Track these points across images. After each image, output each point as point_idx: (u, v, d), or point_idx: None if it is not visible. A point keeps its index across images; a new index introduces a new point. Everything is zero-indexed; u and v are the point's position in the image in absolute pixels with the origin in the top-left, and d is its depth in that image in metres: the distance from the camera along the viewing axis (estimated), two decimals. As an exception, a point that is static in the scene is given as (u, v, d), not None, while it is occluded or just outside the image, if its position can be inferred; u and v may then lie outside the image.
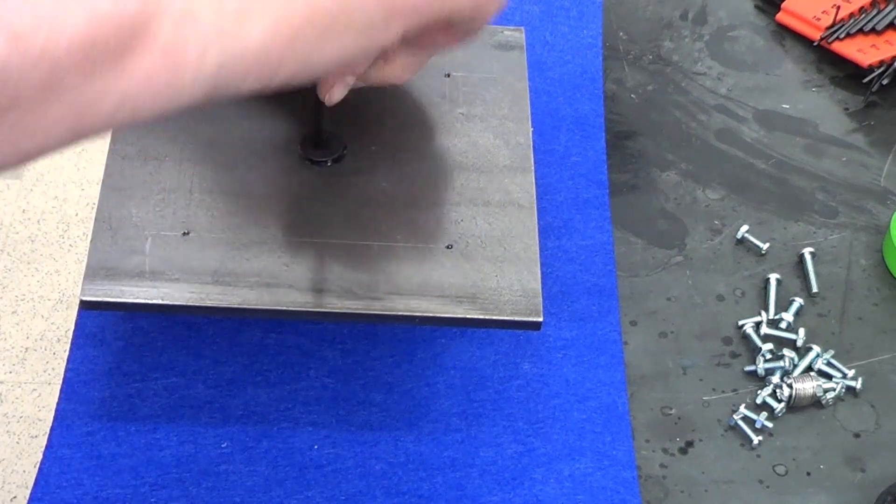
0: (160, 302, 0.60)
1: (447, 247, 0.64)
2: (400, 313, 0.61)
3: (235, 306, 0.61)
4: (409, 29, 0.47)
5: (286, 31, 0.43)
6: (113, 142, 0.68)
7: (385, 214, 0.65)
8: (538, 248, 0.64)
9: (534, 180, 0.68)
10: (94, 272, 0.61)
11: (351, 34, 0.45)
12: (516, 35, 0.76)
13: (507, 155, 0.69)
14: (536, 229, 0.65)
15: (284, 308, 0.61)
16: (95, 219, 0.64)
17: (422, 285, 0.62)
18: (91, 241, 0.63)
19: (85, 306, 0.61)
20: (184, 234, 0.63)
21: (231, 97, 0.44)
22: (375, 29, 0.46)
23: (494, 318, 0.61)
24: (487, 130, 0.70)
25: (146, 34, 0.40)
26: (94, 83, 0.39)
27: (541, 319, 0.62)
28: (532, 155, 0.69)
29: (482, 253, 0.64)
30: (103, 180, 0.65)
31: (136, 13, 0.39)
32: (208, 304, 0.61)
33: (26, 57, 0.37)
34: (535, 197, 0.67)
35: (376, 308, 0.61)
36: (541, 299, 0.62)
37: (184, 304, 0.61)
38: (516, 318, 0.62)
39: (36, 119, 0.39)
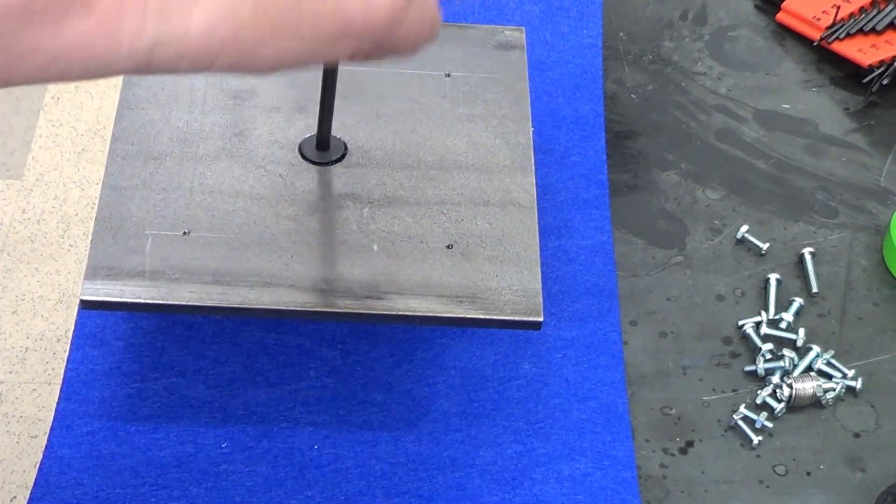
0: (160, 302, 0.60)
1: (448, 246, 0.64)
2: (400, 313, 0.61)
3: (236, 306, 0.61)
4: (359, 51, 0.46)
5: (230, 25, 0.42)
6: (113, 141, 0.68)
7: (386, 214, 0.65)
8: (539, 248, 0.64)
9: (534, 180, 0.68)
10: (94, 272, 0.61)
11: (296, 42, 0.44)
12: (517, 35, 0.76)
13: (507, 155, 0.69)
14: (537, 229, 0.65)
15: (285, 308, 0.61)
16: (96, 218, 0.64)
17: (422, 285, 0.62)
18: (91, 240, 0.63)
19: (85, 306, 0.61)
20: (184, 233, 0.63)
21: (162, 74, 0.44)
22: (323, 43, 0.45)
23: (495, 317, 0.62)
24: (488, 130, 0.70)
25: (87, 1, 0.40)
26: (28, 37, 0.39)
27: (541, 319, 0.62)
28: (532, 155, 0.69)
29: (482, 253, 0.64)
30: (104, 180, 0.65)
31: None
32: (209, 303, 0.61)
33: None
34: (535, 197, 0.67)
35: (377, 308, 0.61)
36: (541, 299, 0.62)
37: (184, 303, 0.61)
38: (516, 318, 0.62)
39: None
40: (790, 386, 0.71)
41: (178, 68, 0.43)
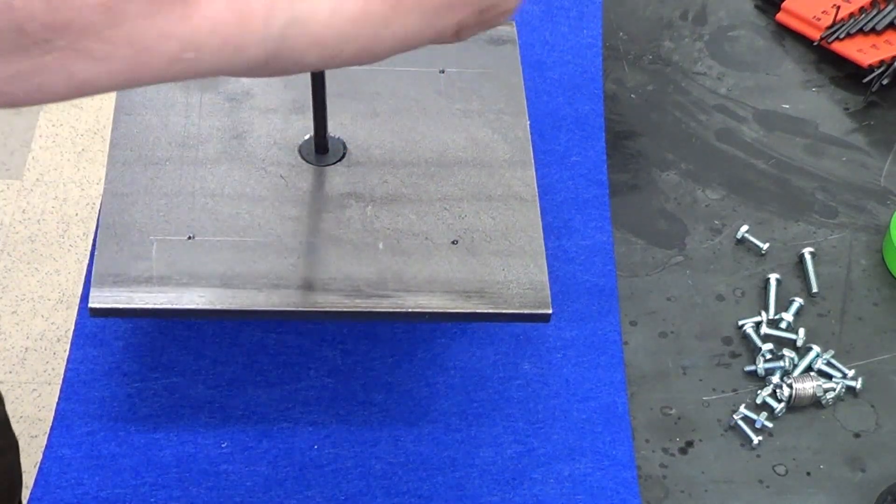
0: (170, 307, 0.60)
1: (453, 242, 0.64)
2: (410, 310, 0.61)
3: (246, 308, 0.61)
4: (465, 19, 0.47)
5: (355, 6, 0.42)
6: (112, 147, 0.68)
7: (389, 212, 0.65)
8: (543, 241, 0.64)
9: (534, 173, 0.68)
10: (101, 279, 0.61)
11: (414, 17, 0.44)
12: (508, 30, 0.76)
13: (506, 149, 0.69)
14: (540, 222, 0.65)
15: (294, 309, 0.61)
16: (100, 225, 0.64)
17: (430, 281, 0.62)
18: (97, 247, 0.63)
19: (94, 314, 0.60)
20: (189, 237, 0.63)
21: (292, 71, 0.43)
22: (437, 15, 0.45)
23: (504, 311, 0.61)
24: (485, 125, 0.70)
25: None
26: (157, 21, 0.38)
27: (550, 311, 0.62)
28: (531, 148, 0.69)
29: (488, 247, 0.64)
30: (105, 186, 0.65)
31: None
32: (218, 307, 0.60)
33: None
34: (536, 190, 0.67)
35: (385, 306, 0.61)
36: (549, 291, 0.62)
37: (194, 308, 0.60)
38: (525, 311, 0.62)
39: (92, 45, 0.37)
40: (790, 386, 0.71)
41: (306, 61, 0.42)
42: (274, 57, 0.41)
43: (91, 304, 0.60)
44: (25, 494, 1.00)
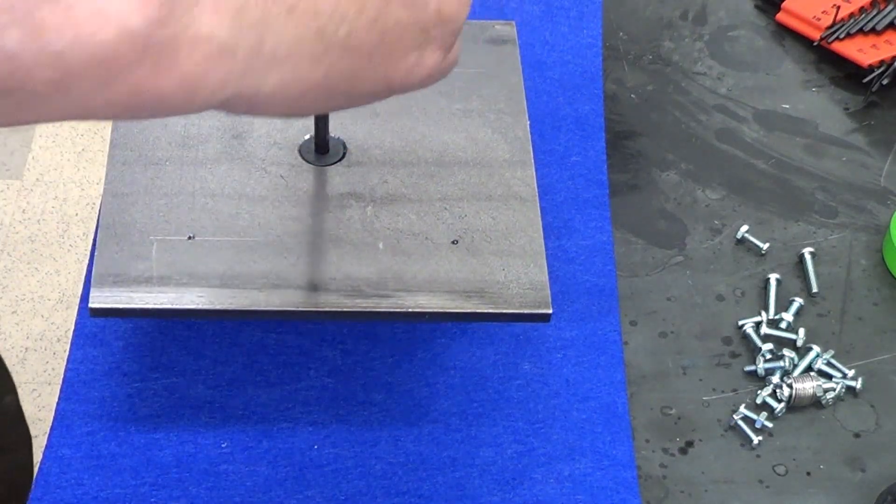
0: (170, 307, 0.60)
1: (453, 242, 0.64)
2: (410, 310, 0.61)
3: (246, 309, 0.61)
4: (390, 94, 0.50)
5: (301, 87, 0.44)
6: (112, 147, 0.68)
7: (389, 212, 0.65)
8: (543, 241, 0.64)
9: (534, 173, 0.68)
10: (101, 279, 0.61)
11: (345, 100, 0.47)
12: (508, 29, 0.76)
13: (506, 149, 0.69)
14: (540, 222, 0.65)
15: (295, 309, 0.61)
16: (100, 225, 0.64)
17: (430, 281, 0.62)
18: (97, 247, 0.63)
19: (94, 314, 0.60)
20: (189, 237, 0.63)
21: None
22: (367, 99, 0.48)
23: (504, 311, 0.62)
24: (485, 125, 0.70)
25: (172, 61, 0.39)
26: (105, 93, 0.39)
27: (550, 311, 0.62)
28: (531, 148, 0.69)
29: (488, 247, 0.64)
30: (105, 187, 0.65)
31: (169, 39, 0.39)
32: (218, 307, 0.61)
33: (41, 55, 0.36)
34: (536, 190, 0.67)
35: (386, 306, 0.61)
36: (549, 291, 0.62)
37: (194, 308, 0.61)
38: (525, 311, 0.62)
39: (38, 106, 0.38)
40: (790, 386, 0.71)
41: (235, 112, 0.44)
42: (206, 108, 0.43)
43: (91, 304, 0.60)
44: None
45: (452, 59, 0.52)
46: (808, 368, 0.73)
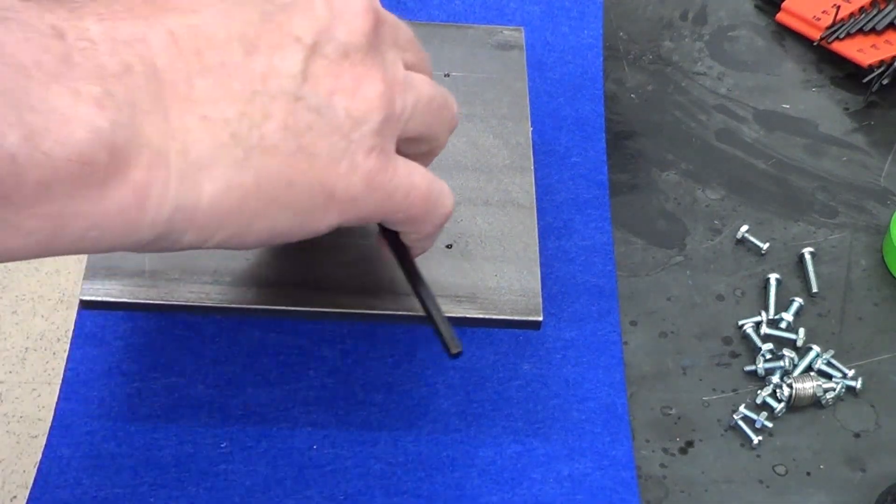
0: (160, 302, 0.60)
1: (447, 246, 0.64)
2: (400, 313, 0.61)
3: (236, 306, 0.61)
4: (346, 222, 0.50)
5: (236, 194, 0.45)
6: None
7: None
8: (538, 248, 0.64)
9: (533, 180, 0.68)
10: (93, 272, 0.61)
11: (290, 213, 0.47)
12: (515, 35, 0.76)
13: (506, 155, 0.69)
14: (536, 229, 0.65)
15: (284, 308, 0.61)
16: None
17: None
18: None
19: (85, 306, 0.61)
20: None
21: (168, 250, 0.46)
22: (313, 213, 0.48)
23: (494, 317, 0.61)
24: (487, 130, 0.70)
25: (128, 166, 0.41)
26: (76, 202, 0.40)
27: (540, 319, 0.61)
28: (532, 155, 0.69)
29: (482, 252, 0.64)
30: None
31: (126, 142, 0.41)
32: (208, 303, 0.61)
33: (33, 155, 0.38)
34: (534, 197, 0.67)
35: (377, 307, 0.61)
36: (540, 299, 0.62)
37: (184, 303, 0.61)
38: (516, 318, 0.61)
39: (23, 220, 0.40)
40: (790, 386, 0.71)
41: (181, 242, 0.45)
42: (158, 237, 0.44)
43: (82, 297, 0.60)
44: (25, 494, 1.00)
45: (411, 165, 0.52)
46: (808, 368, 0.73)
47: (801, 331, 0.74)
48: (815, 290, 0.77)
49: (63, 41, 0.40)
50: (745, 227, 0.80)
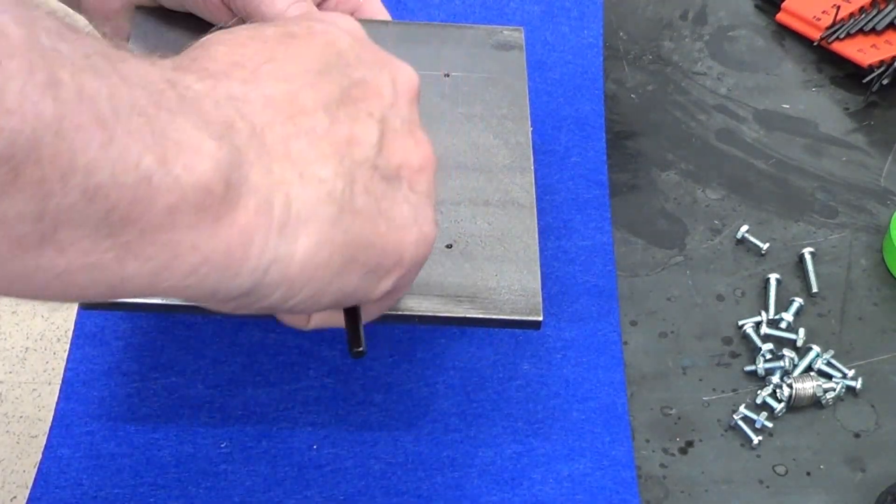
0: (160, 302, 0.60)
1: (447, 246, 0.64)
2: (400, 312, 0.61)
3: None
4: (395, 287, 0.51)
5: (326, 250, 0.46)
6: None
7: None
8: (538, 248, 0.64)
9: (533, 180, 0.68)
10: None
11: (362, 274, 0.49)
12: (515, 35, 0.76)
13: (506, 155, 0.69)
14: (536, 229, 0.65)
15: None
16: None
17: (422, 284, 0.62)
18: None
19: (85, 306, 0.61)
20: None
21: (253, 309, 0.47)
22: (380, 275, 0.50)
23: (494, 317, 0.61)
24: (487, 130, 0.70)
25: (238, 206, 0.42)
26: (192, 233, 0.41)
27: (540, 318, 0.61)
28: (532, 155, 0.69)
29: (482, 252, 0.64)
30: None
31: (239, 182, 0.42)
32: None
33: (165, 179, 0.39)
34: (534, 196, 0.67)
35: None
36: (540, 299, 0.62)
37: (184, 303, 0.61)
38: (516, 318, 0.61)
39: (147, 247, 0.40)
40: (790, 386, 0.71)
41: (274, 296, 0.46)
42: (254, 288, 0.45)
43: None
44: (25, 494, 1.00)
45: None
46: (808, 368, 0.73)
47: (801, 331, 0.74)
48: (815, 290, 0.77)
49: (175, 90, 0.42)
50: (745, 227, 0.80)
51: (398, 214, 0.50)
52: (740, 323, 0.75)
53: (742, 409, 0.71)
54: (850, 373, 0.72)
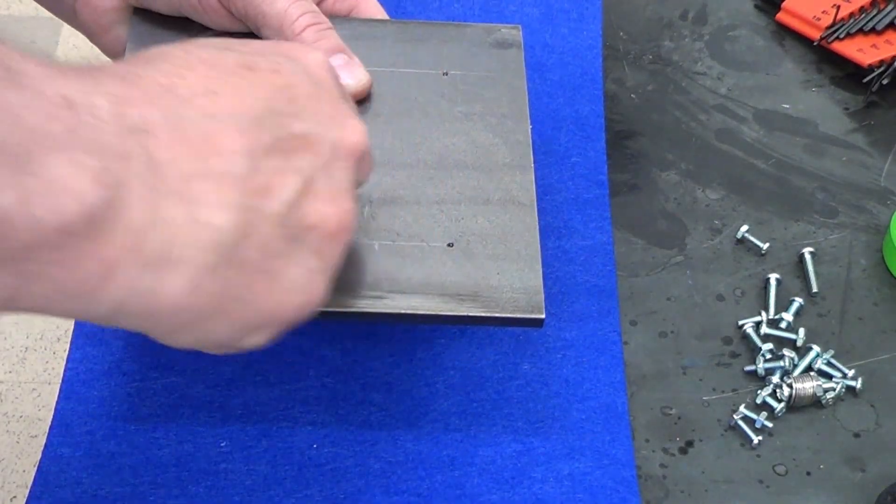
0: None
1: (448, 245, 0.64)
2: (402, 312, 0.61)
3: None
4: (272, 338, 0.51)
5: (192, 296, 0.45)
6: None
7: (386, 213, 0.65)
8: (539, 246, 0.64)
9: (533, 178, 0.68)
10: None
11: (229, 327, 0.48)
12: (513, 33, 0.76)
13: (506, 153, 0.69)
14: (537, 227, 0.65)
15: None
16: None
17: (424, 284, 0.62)
18: None
19: None
20: None
21: (117, 326, 0.47)
22: (248, 332, 0.49)
23: (496, 315, 0.61)
24: (486, 129, 0.70)
25: (104, 242, 0.42)
26: (49, 267, 0.41)
27: (543, 316, 0.61)
28: (531, 153, 0.69)
29: (483, 251, 0.64)
30: None
31: (110, 221, 0.42)
32: None
33: (25, 219, 0.39)
34: (535, 195, 0.67)
35: (379, 307, 0.61)
36: (542, 296, 0.62)
37: None
38: (518, 316, 0.61)
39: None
40: (790, 386, 0.71)
41: (133, 324, 0.46)
42: (112, 316, 0.45)
43: None
44: (25, 494, 1.00)
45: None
46: (808, 368, 0.73)
47: (801, 331, 0.74)
48: (815, 290, 0.77)
49: (71, 112, 0.41)
50: (745, 227, 0.80)
51: (288, 277, 0.49)
52: (740, 323, 0.75)
53: (742, 408, 0.71)
54: (850, 373, 0.73)
